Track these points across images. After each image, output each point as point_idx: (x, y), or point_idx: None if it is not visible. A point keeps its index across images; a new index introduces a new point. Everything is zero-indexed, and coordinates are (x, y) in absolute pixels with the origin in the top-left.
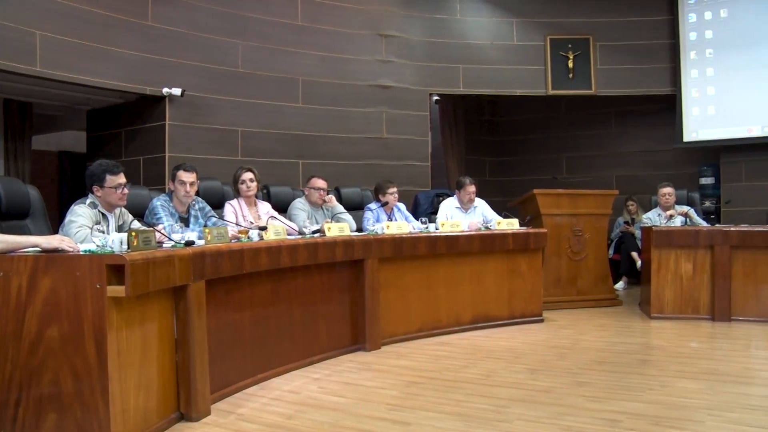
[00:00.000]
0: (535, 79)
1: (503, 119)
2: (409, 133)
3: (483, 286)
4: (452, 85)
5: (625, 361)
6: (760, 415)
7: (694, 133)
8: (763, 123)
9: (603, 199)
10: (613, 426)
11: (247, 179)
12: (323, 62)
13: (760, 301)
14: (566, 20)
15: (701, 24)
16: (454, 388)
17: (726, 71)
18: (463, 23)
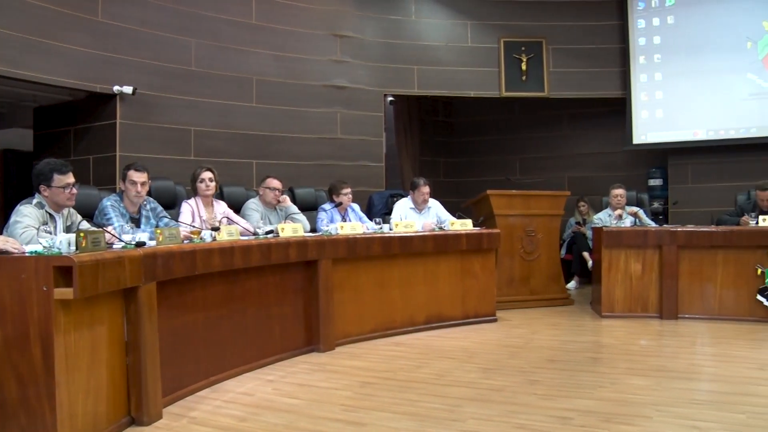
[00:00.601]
0: (489, 81)
1: (457, 120)
2: (363, 134)
3: (437, 287)
4: (407, 86)
5: (576, 359)
6: (705, 410)
7: (643, 136)
8: (708, 126)
9: (555, 200)
10: (564, 423)
11: (207, 178)
12: (278, 62)
13: (705, 299)
14: (520, 23)
15: (650, 30)
16: (408, 388)
17: (673, 76)
18: (418, 24)
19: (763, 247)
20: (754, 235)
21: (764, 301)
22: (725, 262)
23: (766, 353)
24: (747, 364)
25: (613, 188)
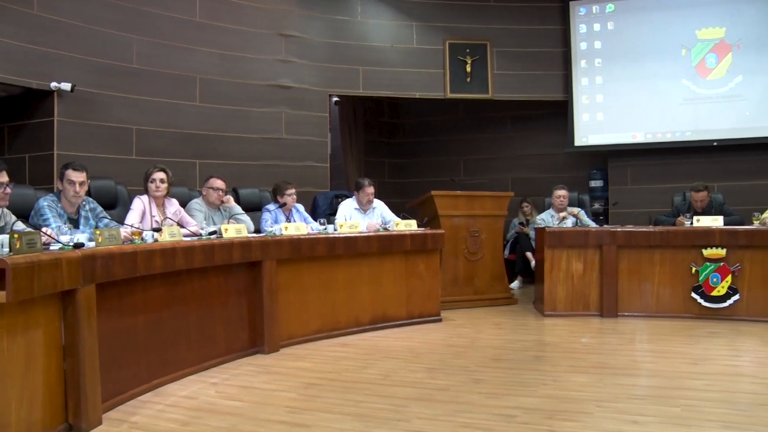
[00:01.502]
0: (434, 82)
1: (402, 121)
2: (308, 134)
3: (381, 287)
4: (352, 87)
5: (520, 357)
6: (644, 404)
7: (585, 138)
8: (647, 130)
9: (499, 201)
10: (508, 421)
11: (158, 179)
12: (222, 61)
13: (644, 297)
14: (465, 26)
15: (591, 35)
16: (353, 388)
17: (613, 80)
18: (363, 25)
19: (697, 247)
20: (689, 235)
21: (698, 298)
22: (662, 261)
23: (700, 348)
24: (682, 359)
25: (556, 189)
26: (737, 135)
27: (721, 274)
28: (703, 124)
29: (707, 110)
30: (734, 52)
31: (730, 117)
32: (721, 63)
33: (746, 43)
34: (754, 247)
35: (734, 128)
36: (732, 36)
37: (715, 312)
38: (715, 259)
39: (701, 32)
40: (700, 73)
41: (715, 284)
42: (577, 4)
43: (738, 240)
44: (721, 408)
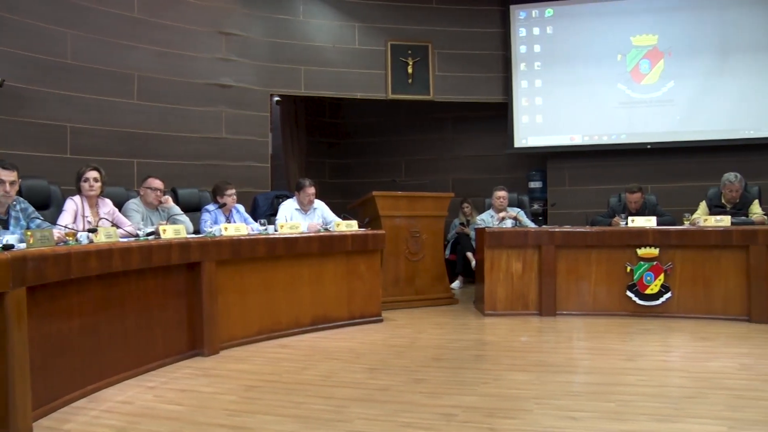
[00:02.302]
0: (376, 83)
1: (344, 122)
2: (248, 134)
3: (322, 288)
4: (294, 86)
5: (460, 357)
6: (582, 401)
7: (524, 140)
8: (584, 132)
9: (439, 202)
10: (449, 420)
11: (91, 178)
12: (160, 58)
13: (581, 296)
14: (406, 27)
15: (530, 38)
16: (294, 390)
17: (552, 83)
18: (305, 25)
19: (631, 246)
20: (624, 235)
21: (633, 296)
22: (598, 261)
23: (634, 345)
24: (618, 355)
25: (496, 190)
26: (669, 138)
27: (654, 273)
28: (638, 127)
29: (641, 114)
30: (666, 59)
31: (663, 121)
32: (654, 69)
33: (677, 50)
34: (684, 247)
35: (666, 132)
36: (664, 43)
37: (648, 309)
38: (649, 258)
39: (635, 39)
40: (635, 78)
41: (648, 283)
42: (518, 8)
43: (670, 240)
44: (653, 402)
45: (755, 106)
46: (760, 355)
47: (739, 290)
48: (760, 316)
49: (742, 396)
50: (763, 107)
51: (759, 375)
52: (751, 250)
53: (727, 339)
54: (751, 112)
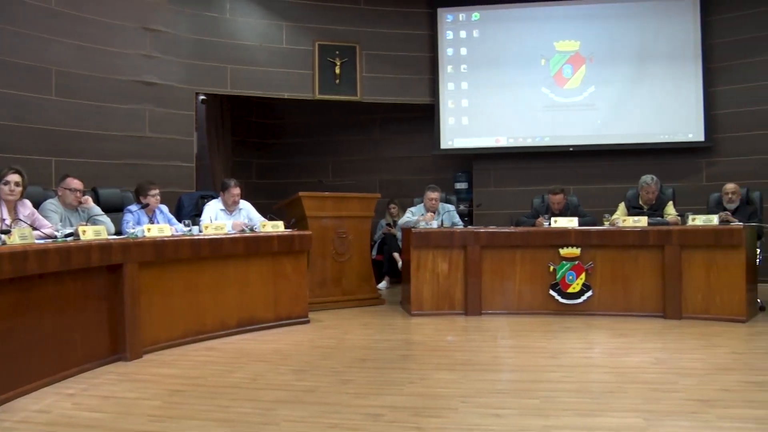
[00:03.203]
0: (303, 83)
1: (271, 122)
2: (173, 133)
3: (248, 289)
4: (220, 85)
5: (387, 357)
6: (506, 398)
7: (450, 142)
8: (509, 134)
9: (366, 202)
10: (375, 420)
11: (12, 182)
12: (81, 53)
13: (505, 295)
14: (334, 27)
15: (457, 41)
16: (220, 393)
17: (478, 86)
18: (232, 23)
19: (554, 246)
20: (547, 235)
21: (556, 295)
22: (522, 261)
23: (557, 343)
24: (541, 353)
25: (429, 191)
26: (590, 141)
27: (576, 272)
28: (561, 130)
29: (564, 118)
30: (588, 65)
31: (585, 124)
32: (576, 74)
33: (598, 56)
34: (605, 246)
35: (588, 135)
36: (586, 49)
37: (570, 308)
38: (571, 257)
39: (559, 44)
40: (558, 83)
41: (570, 282)
42: (445, 11)
43: (591, 240)
44: (575, 397)
45: (671, 112)
46: (674, 349)
47: (654, 288)
48: (673, 312)
49: (657, 389)
50: (678, 113)
51: (673, 368)
52: (666, 250)
53: (643, 335)
54: (667, 117)
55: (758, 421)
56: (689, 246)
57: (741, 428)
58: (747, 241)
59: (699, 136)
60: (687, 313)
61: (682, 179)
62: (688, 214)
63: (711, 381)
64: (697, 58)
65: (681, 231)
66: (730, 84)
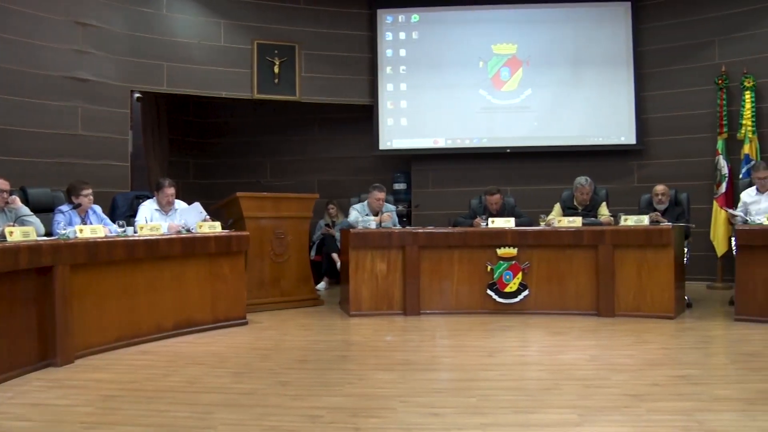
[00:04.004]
0: (242, 82)
1: (209, 121)
2: (107, 131)
3: (185, 291)
4: (156, 83)
5: (326, 358)
6: (444, 397)
7: (389, 142)
8: (447, 136)
9: (305, 203)
10: (314, 421)
11: None
12: (8, 46)
13: (444, 295)
14: (273, 26)
15: (396, 43)
16: (156, 398)
17: (417, 87)
18: (169, 20)
19: (492, 247)
20: (484, 235)
21: (493, 294)
22: (460, 261)
23: (495, 342)
24: (479, 352)
25: (376, 191)
26: (527, 143)
27: (513, 272)
28: (498, 132)
29: (502, 119)
30: (524, 68)
31: (521, 126)
32: (513, 76)
33: (534, 59)
34: (541, 246)
35: (525, 137)
36: (523, 52)
37: (508, 307)
38: (508, 257)
39: (496, 47)
40: (495, 85)
41: (507, 281)
42: (384, 12)
43: (527, 240)
44: (512, 395)
45: (604, 116)
46: (607, 346)
47: (589, 287)
48: (606, 310)
49: (591, 385)
50: (611, 117)
51: (606, 365)
52: (599, 249)
53: (578, 333)
54: (601, 120)
55: (684, 413)
56: (621, 246)
57: (669, 420)
58: (675, 241)
59: (631, 139)
60: (620, 310)
61: (615, 181)
62: (621, 215)
63: (642, 376)
64: (629, 63)
65: (614, 231)
66: (659, 89)
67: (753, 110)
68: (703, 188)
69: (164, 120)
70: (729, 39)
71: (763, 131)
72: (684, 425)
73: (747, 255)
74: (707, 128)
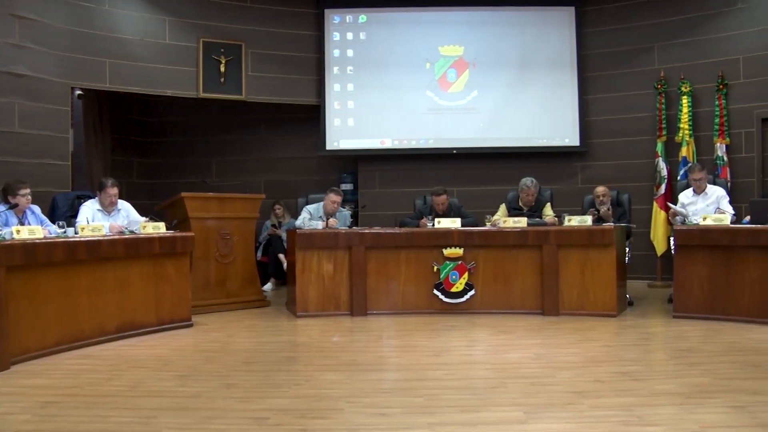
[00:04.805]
0: (187, 80)
1: (154, 120)
2: (47, 129)
3: (129, 293)
4: (98, 80)
5: (272, 359)
6: (391, 397)
7: (336, 143)
8: (394, 136)
9: (251, 203)
10: (260, 424)
11: None
12: None
13: (390, 295)
14: (220, 25)
15: (344, 43)
16: (98, 403)
17: (364, 88)
18: (112, 15)
19: (438, 247)
20: (431, 236)
21: (439, 294)
22: (407, 261)
23: (441, 341)
24: (426, 352)
25: (334, 194)
26: (473, 144)
27: (459, 272)
28: (445, 133)
29: (448, 121)
30: (471, 69)
31: (468, 128)
32: (460, 78)
33: (481, 61)
34: (486, 247)
35: (471, 138)
36: (469, 54)
37: (454, 307)
38: (454, 258)
39: (443, 48)
40: (442, 86)
41: (454, 281)
42: (332, 12)
43: (473, 240)
44: (458, 394)
45: (549, 118)
46: (552, 345)
47: (534, 286)
48: (551, 309)
49: (536, 383)
50: (555, 119)
51: (551, 363)
52: (544, 249)
53: (524, 332)
54: (546, 122)
55: (625, 408)
56: (565, 245)
57: (610, 416)
58: (617, 241)
59: (575, 141)
60: (564, 309)
61: (559, 182)
62: (565, 215)
63: (585, 373)
64: (573, 67)
65: (558, 231)
66: (602, 92)
67: (690, 114)
68: (644, 189)
69: (107, 118)
70: (668, 45)
71: (699, 135)
72: (624, 420)
73: (685, 254)
74: (647, 131)
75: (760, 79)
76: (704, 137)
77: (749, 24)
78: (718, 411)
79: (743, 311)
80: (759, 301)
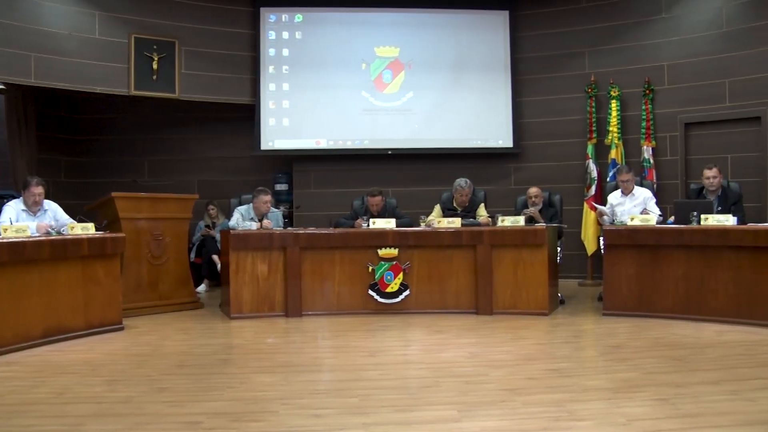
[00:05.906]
0: (118, 77)
1: (82, 117)
2: None
3: (55, 296)
4: (22, 75)
5: (206, 362)
6: (326, 398)
7: (271, 143)
8: (329, 137)
9: (183, 204)
10: (194, 428)
11: None
12: None
13: (325, 296)
14: (152, 21)
15: (279, 42)
16: (21, 411)
17: (300, 87)
18: (37, 7)
19: (373, 247)
20: (366, 236)
21: (375, 295)
22: (342, 261)
23: (376, 341)
24: (360, 352)
25: (264, 194)
26: (408, 145)
27: (394, 272)
28: (380, 134)
29: (384, 121)
30: (407, 71)
31: (403, 129)
32: (395, 79)
33: (417, 63)
34: (421, 247)
35: (406, 139)
36: (405, 56)
37: (389, 307)
38: (389, 258)
39: (379, 50)
40: (378, 87)
41: (389, 281)
42: (268, 10)
43: (408, 240)
44: (393, 394)
45: (483, 120)
46: (486, 343)
47: (468, 286)
48: (485, 308)
49: (470, 381)
50: (489, 121)
51: (485, 361)
52: (477, 249)
53: (458, 331)
54: (480, 124)
55: (556, 404)
56: (499, 245)
57: (542, 412)
58: (549, 241)
59: (508, 142)
60: (498, 308)
61: (493, 183)
62: (498, 216)
63: (518, 371)
64: (507, 69)
65: (491, 231)
66: (535, 95)
67: (619, 118)
68: (575, 190)
69: (32, 115)
70: (598, 51)
71: (628, 138)
72: (556, 415)
73: (614, 254)
74: (578, 134)
75: (683, 86)
76: (632, 140)
77: (673, 33)
78: (644, 404)
79: (668, 308)
80: (683, 298)
